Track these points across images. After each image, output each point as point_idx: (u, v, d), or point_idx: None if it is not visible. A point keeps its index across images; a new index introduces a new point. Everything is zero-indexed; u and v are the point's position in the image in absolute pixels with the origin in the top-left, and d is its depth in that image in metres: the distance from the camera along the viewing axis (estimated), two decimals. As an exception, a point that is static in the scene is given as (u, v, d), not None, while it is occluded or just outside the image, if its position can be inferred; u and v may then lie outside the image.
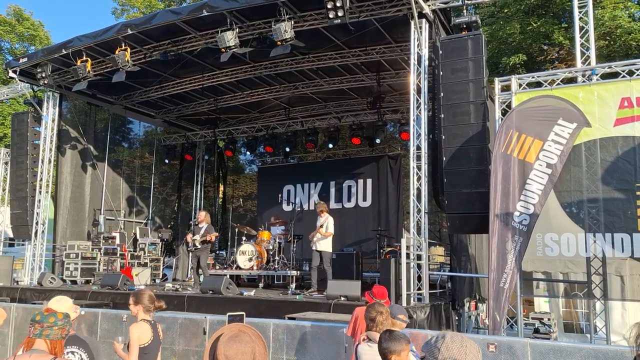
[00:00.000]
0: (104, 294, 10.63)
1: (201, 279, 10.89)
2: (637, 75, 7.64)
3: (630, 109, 7.36)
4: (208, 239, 10.97)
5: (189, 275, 14.56)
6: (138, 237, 14.97)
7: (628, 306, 10.71)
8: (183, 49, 11.74)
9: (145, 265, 13.96)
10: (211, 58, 12.26)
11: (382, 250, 12.88)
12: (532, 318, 9.62)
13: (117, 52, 11.33)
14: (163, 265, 15.06)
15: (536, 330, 9.25)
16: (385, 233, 13.87)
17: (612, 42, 16.73)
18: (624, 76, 7.72)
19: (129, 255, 13.85)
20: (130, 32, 11.11)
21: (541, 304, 11.11)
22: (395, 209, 15.44)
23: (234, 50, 10.29)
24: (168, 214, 18.40)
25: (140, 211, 16.72)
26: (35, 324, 2.63)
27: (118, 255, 13.58)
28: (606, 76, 8.10)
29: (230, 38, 10.05)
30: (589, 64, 8.62)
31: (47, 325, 2.61)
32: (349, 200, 16.16)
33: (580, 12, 8.98)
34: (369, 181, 15.95)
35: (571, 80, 8.44)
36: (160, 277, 14.50)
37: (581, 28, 8.94)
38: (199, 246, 10.95)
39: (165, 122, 17.47)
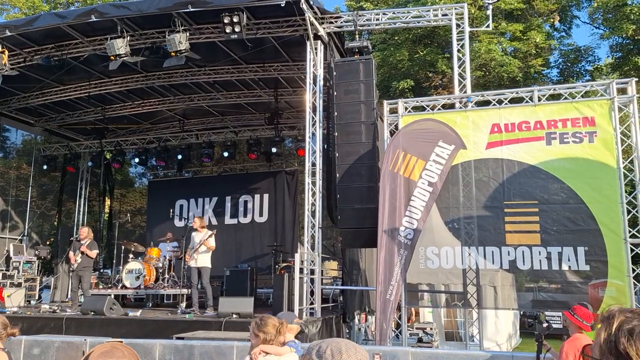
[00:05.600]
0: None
1: (81, 300, 10.18)
2: (506, 104, 8.50)
3: (500, 134, 8.17)
4: (85, 252, 10.28)
5: (68, 297, 13.54)
6: (11, 254, 13.64)
7: (500, 314, 11.72)
8: (68, 55, 11.05)
9: (19, 285, 12.75)
10: (99, 65, 11.67)
11: (277, 266, 12.93)
12: (416, 328, 10.18)
13: (-9, 53, 10.39)
14: (40, 286, 13.86)
15: (420, 340, 9.79)
16: (281, 248, 13.94)
17: (487, 73, 18.44)
18: (494, 104, 8.56)
19: (1, 274, 12.58)
20: (9, 34, 10.25)
21: (426, 315, 11.79)
22: (291, 224, 15.58)
23: (125, 58, 9.90)
24: (47, 229, 16.98)
25: (14, 226, 15.29)
26: None
27: (-13, 275, 12.28)
28: (480, 104, 8.93)
29: (120, 46, 9.66)
30: (466, 92, 9.45)
31: None
32: (245, 215, 16.04)
33: (458, 45, 9.85)
34: (266, 196, 15.96)
35: (450, 106, 9.18)
36: (37, 298, 13.32)
37: (459, 59, 9.80)
38: (79, 261, 10.24)
39: (46, 131, 16.20)
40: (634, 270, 7.47)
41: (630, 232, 7.53)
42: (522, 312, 6.93)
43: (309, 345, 1.72)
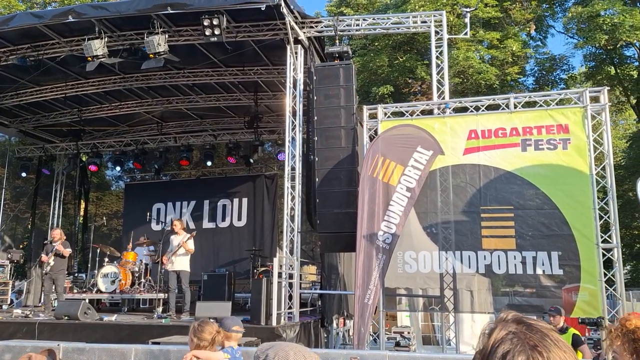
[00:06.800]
0: None
1: (55, 304, 9.98)
2: (483, 110, 8.64)
3: (477, 140, 8.30)
4: (60, 251, 10.09)
5: (42, 301, 13.28)
6: (-18, 258, 13.30)
7: (477, 318, 11.85)
8: (44, 55, 10.86)
9: (-11, 289, 12.43)
10: (76, 66, 11.50)
11: (256, 270, 12.87)
12: (394, 332, 10.24)
13: (-36, 52, 10.17)
14: (12, 290, 13.53)
15: (397, 344, 9.83)
16: (259, 253, 13.88)
17: (465, 80, 18.71)
18: (472, 111, 8.69)
19: (-30, 279, 12.26)
20: (-17, 33, 10.05)
21: (403, 319, 11.87)
22: (270, 228, 15.53)
23: (102, 59, 9.77)
24: (20, 232, 16.66)
25: (-15, 230, 14.94)
26: None
27: (-44, 279, 11.95)
28: (458, 110, 9.05)
29: (98, 47, 9.53)
30: (444, 98, 9.58)
31: None
32: (223, 219, 15.94)
33: (437, 52, 9.99)
34: (245, 200, 15.88)
35: (429, 112, 9.29)
36: (8, 302, 13.00)
37: (437, 66, 9.94)
38: (52, 263, 10.04)
39: (20, 132, 15.87)
40: (605, 275, 7.64)
41: (602, 237, 7.70)
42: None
43: (256, 350, 1.66)
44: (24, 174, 15.99)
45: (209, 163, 15.78)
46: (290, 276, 9.30)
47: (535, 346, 1.10)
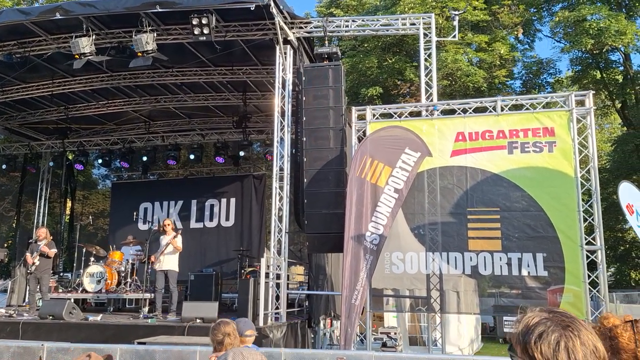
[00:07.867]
0: None
1: (40, 304, 9.87)
2: (470, 113, 8.71)
3: (464, 142, 8.36)
4: (45, 252, 10.00)
5: (26, 301, 13.13)
6: (-35, 257, 13.12)
7: (463, 319, 11.94)
8: (31, 52, 10.75)
9: (-28, 289, 12.27)
10: (63, 64, 11.39)
11: (243, 271, 12.83)
12: (381, 332, 10.28)
13: (-51, 48, 10.03)
14: (-5, 289, 13.41)
15: (384, 344, 9.88)
16: (247, 253, 13.84)
17: (453, 82, 18.84)
18: (459, 113, 8.75)
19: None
20: (-31, 29, 9.91)
21: (390, 319, 11.91)
22: (258, 228, 15.50)
23: (90, 57, 9.69)
24: (4, 231, 16.46)
25: (-31, 228, 14.74)
26: None
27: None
28: (446, 112, 9.11)
29: (85, 44, 9.45)
30: (432, 100, 9.65)
31: None
32: (211, 219, 15.87)
33: (425, 54, 10.05)
34: (233, 200, 15.84)
35: (417, 114, 9.34)
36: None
37: (426, 68, 10.01)
38: (37, 263, 9.94)
39: (6, 130, 15.70)
40: (589, 277, 7.73)
41: (586, 239, 7.80)
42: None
43: None
44: (8, 172, 15.82)
45: (191, 157, 15.53)
46: (278, 276, 9.29)
47: (567, 326, 1.28)
